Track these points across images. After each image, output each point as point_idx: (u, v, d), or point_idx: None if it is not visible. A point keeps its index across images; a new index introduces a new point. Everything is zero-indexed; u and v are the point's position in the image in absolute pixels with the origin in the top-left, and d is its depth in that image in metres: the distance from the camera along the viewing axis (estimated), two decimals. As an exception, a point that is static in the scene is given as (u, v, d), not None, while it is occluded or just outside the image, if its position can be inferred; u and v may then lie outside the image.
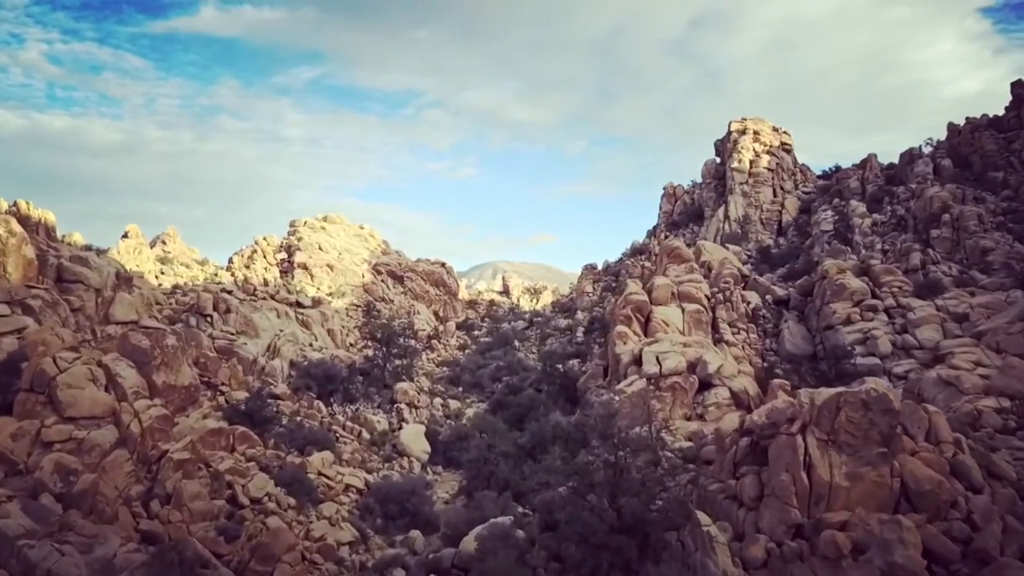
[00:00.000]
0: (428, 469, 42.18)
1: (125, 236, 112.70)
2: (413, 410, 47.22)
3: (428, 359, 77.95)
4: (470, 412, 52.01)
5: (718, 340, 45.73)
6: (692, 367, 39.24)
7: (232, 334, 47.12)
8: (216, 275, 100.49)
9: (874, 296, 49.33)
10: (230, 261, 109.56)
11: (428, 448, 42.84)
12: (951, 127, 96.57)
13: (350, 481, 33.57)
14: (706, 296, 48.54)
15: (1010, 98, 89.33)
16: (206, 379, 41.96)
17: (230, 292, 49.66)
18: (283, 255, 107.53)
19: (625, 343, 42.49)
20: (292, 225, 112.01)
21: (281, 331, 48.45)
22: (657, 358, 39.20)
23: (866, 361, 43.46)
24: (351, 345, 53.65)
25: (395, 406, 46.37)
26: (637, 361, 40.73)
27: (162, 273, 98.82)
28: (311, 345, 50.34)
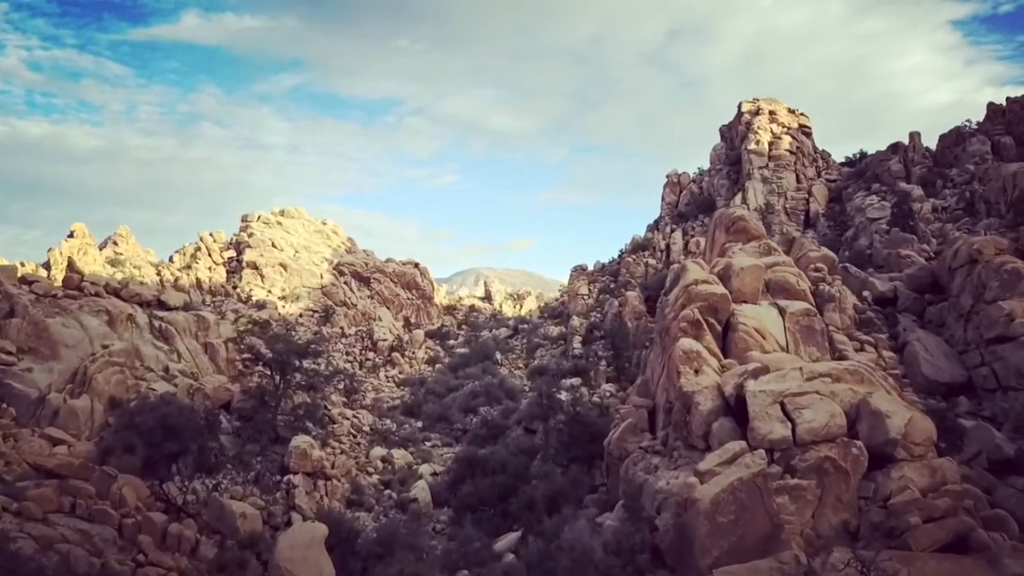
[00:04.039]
0: (329, 612, 19.94)
1: (71, 236, 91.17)
2: (321, 484, 24.83)
3: (387, 377, 55.68)
4: (426, 474, 29.71)
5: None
6: (851, 424, 17.53)
7: (10, 352, 24.61)
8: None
9: (1064, 289, 28.07)
10: (170, 259, 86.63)
11: (329, 571, 20.59)
12: (991, 106, 76.93)
13: None
14: (809, 289, 26.89)
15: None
16: None
17: (29, 283, 27.18)
18: (232, 253, 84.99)
19: (698, 371, 20.60)
20: (244, 220, 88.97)
21: (104, 347, 25.97)
22: (783, 407, 17.40)
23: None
24: (244, 368, 30.99)
25: (285, 480, 23.97)
26: (731, 409, 18.86)
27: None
28: (166, 371, 27.91)
